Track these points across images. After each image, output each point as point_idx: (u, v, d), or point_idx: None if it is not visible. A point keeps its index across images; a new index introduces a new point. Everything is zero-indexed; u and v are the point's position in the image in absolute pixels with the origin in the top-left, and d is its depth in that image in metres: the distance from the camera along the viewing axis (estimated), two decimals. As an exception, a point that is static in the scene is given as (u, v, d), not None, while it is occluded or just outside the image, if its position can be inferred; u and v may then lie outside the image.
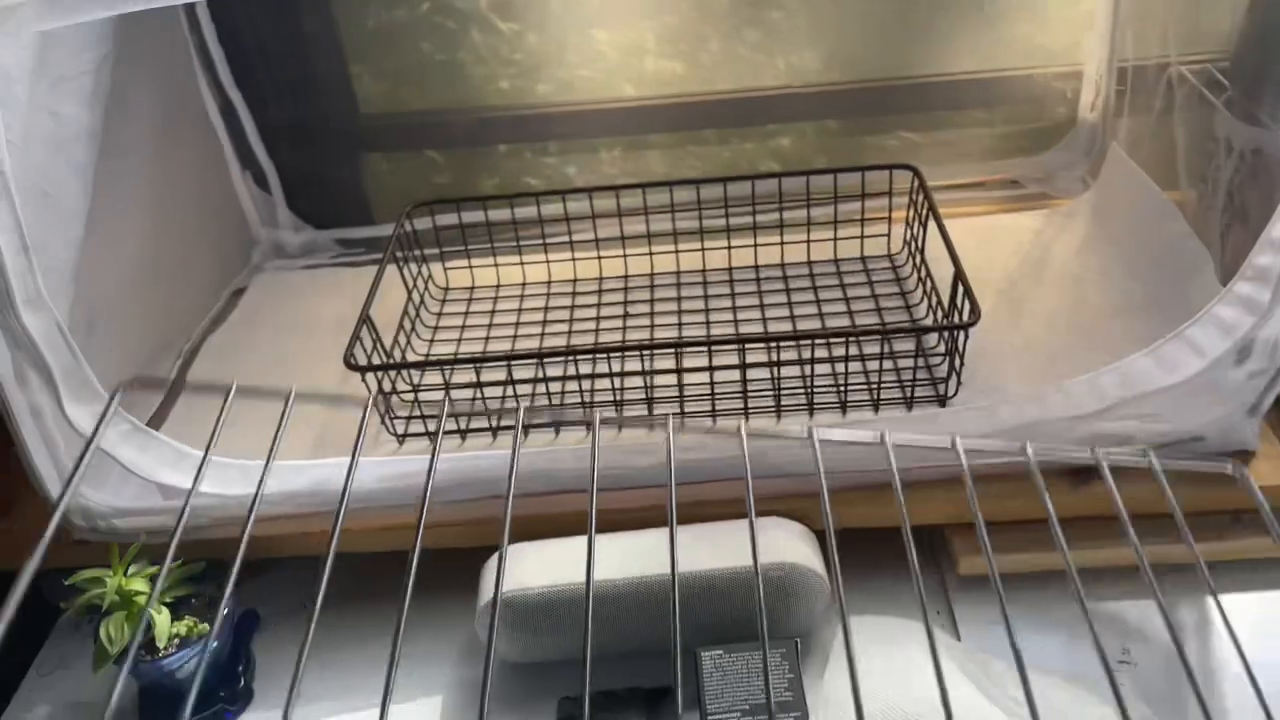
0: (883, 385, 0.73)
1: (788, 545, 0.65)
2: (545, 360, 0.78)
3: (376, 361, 0.77)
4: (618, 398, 0.75)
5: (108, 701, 0.39)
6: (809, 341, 0.72)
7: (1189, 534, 0.52)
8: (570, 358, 0.79)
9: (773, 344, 0.71)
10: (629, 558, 0.65)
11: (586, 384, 0.76)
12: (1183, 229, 0.79)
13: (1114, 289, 0.82)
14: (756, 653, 0.60)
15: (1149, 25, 0.88)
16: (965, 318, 0.70)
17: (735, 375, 0.73)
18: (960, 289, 0.71)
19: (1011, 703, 0.60)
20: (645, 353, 0.73)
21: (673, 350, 0.73)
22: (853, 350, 0.74)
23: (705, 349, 0.73)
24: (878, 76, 0.99)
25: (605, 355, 0.76)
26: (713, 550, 0.64)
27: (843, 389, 0.73)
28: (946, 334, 0.73)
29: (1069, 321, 0.80)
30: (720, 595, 0.63)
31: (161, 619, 0.65)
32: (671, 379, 0.75)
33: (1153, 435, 0.66)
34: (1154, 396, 0.65)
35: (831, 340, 0.75)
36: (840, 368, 0.73)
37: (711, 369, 0.73)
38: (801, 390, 0.74)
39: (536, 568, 0.65)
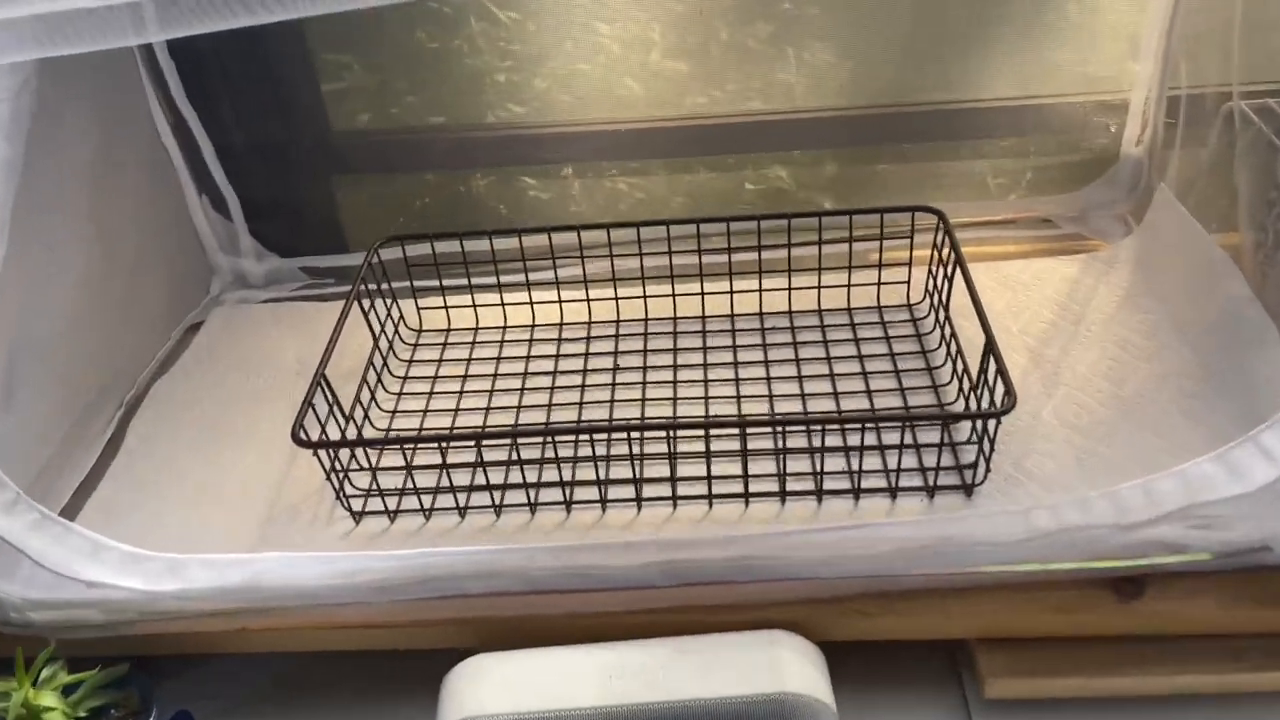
0: (902, 471, 0.65)
1: (791, 667, 0.56)
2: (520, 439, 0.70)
3: (334, 428, 0.69)
4: (601, 476, 0.66)
5: None
6: (820, 427, 0.63)
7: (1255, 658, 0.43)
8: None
9: (779, 429, 0.62)
10: (610, 678, 0.57)
11: (566, 463, 0.68)
12: (1242, 291, 0.70)
13: (1163, 355, 0.74)
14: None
15: (1207, 48, 0.79)
16: (999, 403, 0.61)
17: (735, 450, 0.65)
18: (992, 367, 0.63)
19: None
20: (634, 435, 0.64)
21: (665, 435, 0.64)
22: (869, 436, 0.66)
23: (702, 434, 0.64)
24: (898, 101, 0.90)
25: (588, 437, 0.67)
26: (702, 672, 0.56)
27: (857, 474, 0.65)
28: (977, 420, 0.64)
29: (1112, 392, 0.71)
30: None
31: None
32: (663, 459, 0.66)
33: (1212, 543, 0.57)
34: (1218, 504, 0.56)
35: (846, 425, 0.67)
36: (855, 452, 0.65)
37: (709, 455, 0.64)
38: (810, 474, 0.66)
39: (502, 687, 0.57)
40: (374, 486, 0.67)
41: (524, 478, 0.66)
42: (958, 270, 0.74)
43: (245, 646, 0.63)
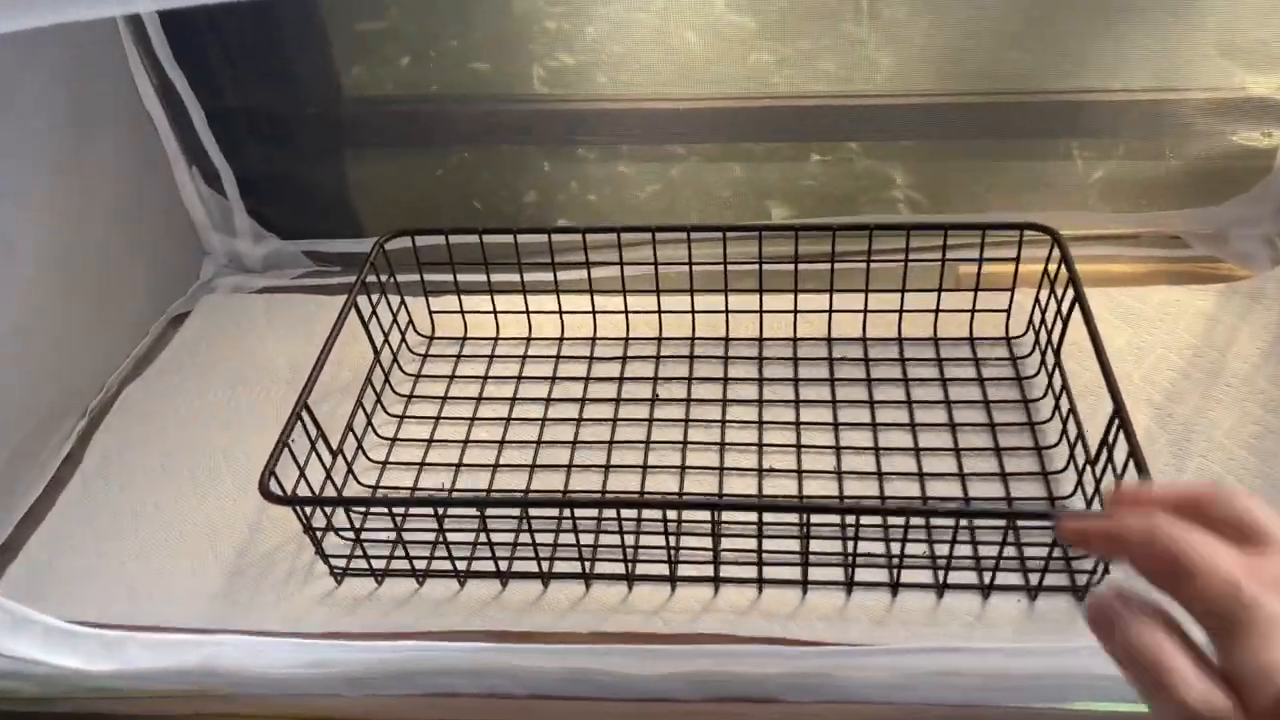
0: (1001, 562, 0.52)
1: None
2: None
3: (317, 467, 0.58)
4: (629, 542, 0.55)
5: None
6: (901, 519, 0.51)
7: None
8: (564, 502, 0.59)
9: (848, 516, 0.51)
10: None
11: (588, 533, 0.56)
12: None
13: (1323, 423, 0.60)
14: None
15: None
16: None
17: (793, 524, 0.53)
18: (1122, 441, 0.50)
19: None
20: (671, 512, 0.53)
21: (709, 513, 0.52)
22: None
23: (755, 517, 0.53)
24: (1003, 88, 0.75)
25: (614, 510, 0.56)
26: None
27: (944, 562, 0.53)
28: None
29: (1258, 468, 0.58)
30: None
31: None
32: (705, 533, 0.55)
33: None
34: None
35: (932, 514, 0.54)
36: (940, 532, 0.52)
37: (761, 534, 0.52)
38: (883, 559, 0.54)
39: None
40: (359, 546, 0.57)
41: (535, 540, 0.55)
42: (1074, 304, 0.61)
43: (201, 730, 0.53)
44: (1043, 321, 0.66)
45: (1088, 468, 0.56)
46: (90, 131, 0.69)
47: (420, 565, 0.56)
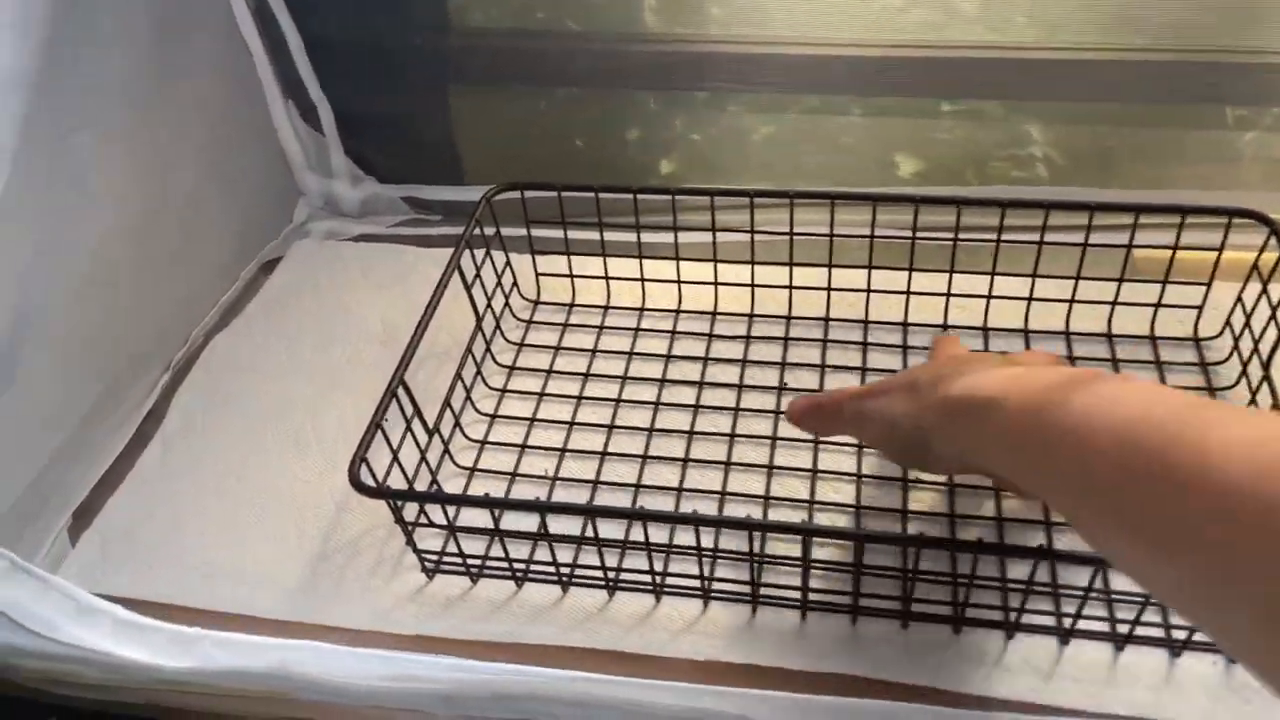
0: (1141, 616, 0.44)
1: None
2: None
3: (412, 448, 0.52)
4: (755, 574, 0.48)
5: None
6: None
7: None
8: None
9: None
10: None
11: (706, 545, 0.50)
12: None
13: None
14: None
15: None
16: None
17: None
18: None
19: None
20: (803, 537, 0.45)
21: (850, 543, 0.45)
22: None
23: (899, 554, 0.45)
24: (1201, 45, 0.64)
25: (732, 529, 0.49)
26: None
27: (1123, 619, 0.45)
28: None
29: None
30: None
31: None
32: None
33: None
34: None
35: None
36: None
37: (915, 574, 0.45)
38: (1051, 603, 0.46)
39: None
40: (454, 540, 0.51)
41: (649, 545, 0.48)
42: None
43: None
44: (1246, 325, 0.56)
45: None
46: (179, 61, 0.63)
47: (520, 566, 0.50)
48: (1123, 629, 0.45)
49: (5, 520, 0.53)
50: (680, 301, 0.66)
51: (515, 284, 0.67)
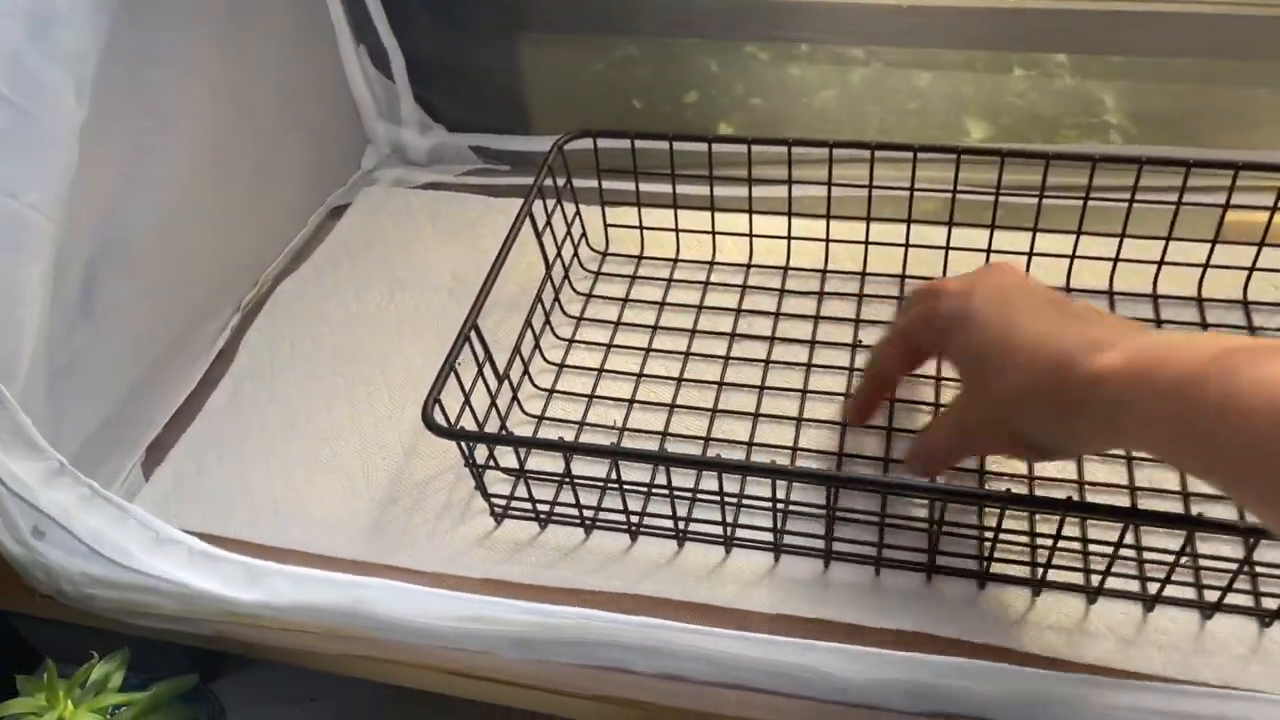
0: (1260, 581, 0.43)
1: None
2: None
3: (482, 393, 0.52)
4: (830, 529, 0.47)
5: None
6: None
7: None
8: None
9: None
10: None
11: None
12: None
13: None
14: None
15: None
16: None
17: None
18: None
19: None
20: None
21: (928, 498, 0.44)
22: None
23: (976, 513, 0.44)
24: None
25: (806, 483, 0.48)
26: None
27: (1213, 585, 0.43)
28: None
29: None
30: None
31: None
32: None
33: None
34: None
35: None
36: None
37: (998, 531, 0.44)
38: (1135, 567, 0.45)
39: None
40: (523, 484, 0.51)
41: (723, 496, 0.47)
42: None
43: (346, 668, 0.49)
44: (1345, 289, 0.54)
45: None
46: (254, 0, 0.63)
47: (589, 513, 0.50)
48: (1211, 597, 0.44)
49: (81, 452, 0.53)
50: (751, 256, 0.64)
51: (584, 234, 0.66)
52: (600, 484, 0.51)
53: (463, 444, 0.47)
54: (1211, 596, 0.44)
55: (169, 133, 0.57)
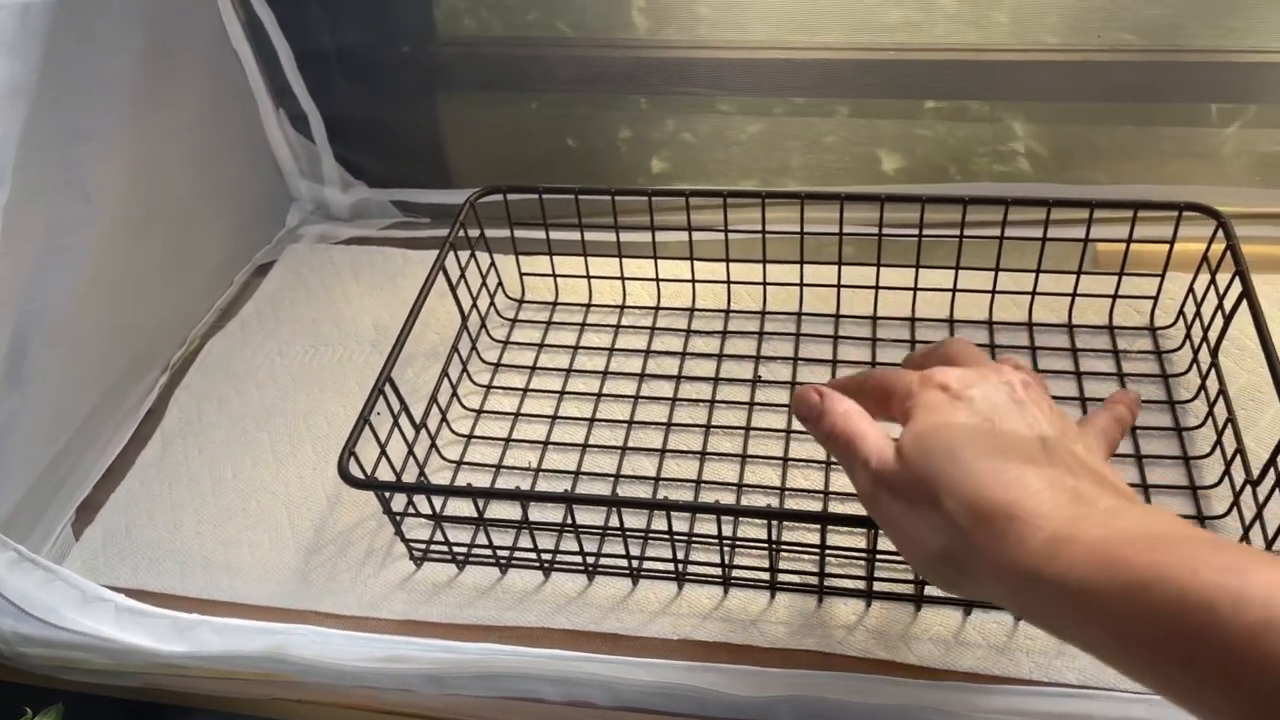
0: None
1: None
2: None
3: (399, 443, 0.55)
4: (726, 557, 0.51)
5: None
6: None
7: None
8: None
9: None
10: None
11: (680, 530, 0.52)
12: None
13: None
14: None
15: None
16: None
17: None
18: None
19: None
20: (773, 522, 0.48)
21: (817, 526, 0.48)
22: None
23: (865, 534, 0.48)
24: (1165, 44, 0.67)
25: (705, 515, 0.51)
26: None
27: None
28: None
29: None
30: None
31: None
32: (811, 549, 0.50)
33: None
34: None
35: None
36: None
37: (874, 554, 0.47)
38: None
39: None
40: (440, 529, 0.54)
41: (625, 531, 0.50)
42: (1241, 297, 0.54)
43: (274, 712, 0.51)
44: (1197, 313, 0.59)
45: (1248, 487, 0.50)
46: (173, 70, 0.65)
47: (504, 554, 0.53)
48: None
49: (13, 515, 0.55)
50: (659, 299, 0.68)
51: (500, 284, 0.69)
52: (514, 525, 0.54)
53: (379, 493, 0.50)
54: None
55: (88, 205, 0.59)
